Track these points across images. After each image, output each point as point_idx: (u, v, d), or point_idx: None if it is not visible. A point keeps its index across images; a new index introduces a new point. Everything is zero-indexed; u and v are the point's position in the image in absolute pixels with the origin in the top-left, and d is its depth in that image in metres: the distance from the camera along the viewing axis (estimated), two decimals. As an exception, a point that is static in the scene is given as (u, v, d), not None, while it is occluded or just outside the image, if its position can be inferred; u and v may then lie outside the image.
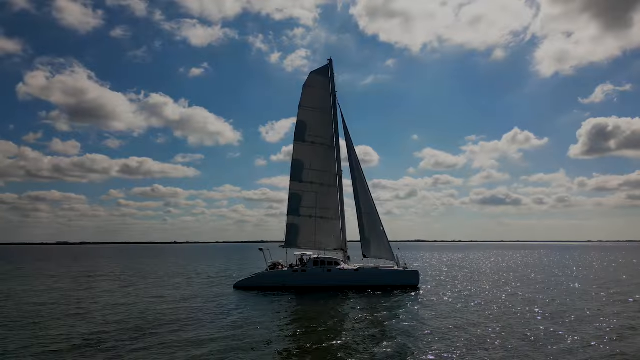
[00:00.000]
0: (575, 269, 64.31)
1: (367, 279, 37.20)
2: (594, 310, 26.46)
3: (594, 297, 32.52)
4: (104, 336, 20.08)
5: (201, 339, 19.39)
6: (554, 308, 27.18)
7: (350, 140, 41.09)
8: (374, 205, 40.43)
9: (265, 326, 22.33)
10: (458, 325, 21.98)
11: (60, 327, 22.27)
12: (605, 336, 19.56)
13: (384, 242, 39.68)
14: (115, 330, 21.43)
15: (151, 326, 22.30)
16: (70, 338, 19.76)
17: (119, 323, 23.11)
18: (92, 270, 66.20)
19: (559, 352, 17.04)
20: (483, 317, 24.30)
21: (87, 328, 21.89)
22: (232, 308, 27.91)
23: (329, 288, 36.17)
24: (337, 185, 40.96)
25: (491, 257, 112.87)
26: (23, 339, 19.61)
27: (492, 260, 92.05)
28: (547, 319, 23.69)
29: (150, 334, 20.49)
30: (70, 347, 18.27)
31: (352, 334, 20.36)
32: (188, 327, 22.10)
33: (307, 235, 39.70)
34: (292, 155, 40.27)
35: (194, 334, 20.41)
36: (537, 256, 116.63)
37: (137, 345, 18.51)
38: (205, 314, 25.86)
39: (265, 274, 37.87)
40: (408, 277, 37.87)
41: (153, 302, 30.55)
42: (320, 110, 41.47)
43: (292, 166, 40.14)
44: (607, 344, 18.23)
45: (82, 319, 24.33)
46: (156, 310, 27.29)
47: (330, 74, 42.27)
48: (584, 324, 22.33)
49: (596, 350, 17.34)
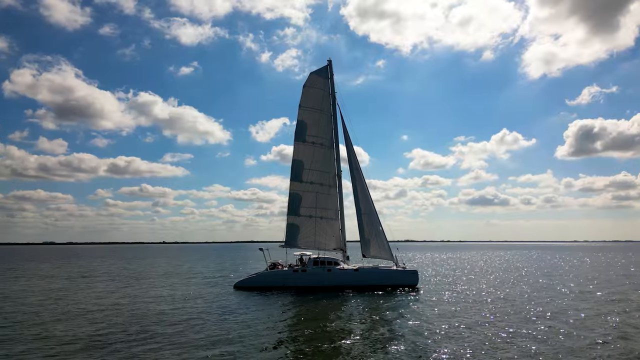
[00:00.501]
0: (567, 268, 65.25)
1: (367, 278, 37.40)
2: (593, 309, 26.96)
3: (591, 296, 33.09)
4: (112, 337, 19.97)
5: (211, 340, 19.36)
6: (554, 307, 27.62)
7: (350, 141, 41.30)
8: (373, 206, 40.68)
9: (272, 327, 22.37)
10: (463, 324, 22.22)
11: (66, 328, 22.08)
12: (609, 335, 19.97)
13: (383, 242, 39.91)
14: (121, 331, 21.30)
15: (159, 327, 22.21)
16: (78, 339, 19.61)
17: (125, 324, 22.98)
18: (86, 270, 65.52)
19: (564, 350, 17.37)
20: (485, 316, 24.60)
21: (92, 329, 21.73)
22: (235, 308, 27.89)
23: (329, 288, 36.33)
24: (337, 185, 41.15)
25: (482, 256, 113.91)
26: (29, 340, 19.44)
27: (484, 260, 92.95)
28: (549, 318, 24.09)
29: (160, 335, 20.40)
30: (79, 348, 18.15)
31: (357, 335, 20.45)
32: (195, 327, 22.06)
33: (307, 235, 39.81)
34: (292, 155, 40.39)
35: (203, 335, 20.37)
36: (527, 256, 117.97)
37: (148, 346, 18.44)
38: (210, 314, 25.80)
39: (265, 274, 37.88)
40: (407, 277, 38.15)
41: (154, 303, 30.40)
42: (320, 110, 41.60)
43: (292, 166, 40.22)
44: (612, 342, 18.60)
45: (86, 320, 24.13)
46: (159, 310, 27.16)
47: (330, 75, 42.42)
48: (586, 322, 22.75)
49: (603, 348, 17.70)
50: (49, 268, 71.77)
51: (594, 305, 28.33)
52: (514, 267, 69.92)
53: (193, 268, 68.93)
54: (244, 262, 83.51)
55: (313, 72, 42.11)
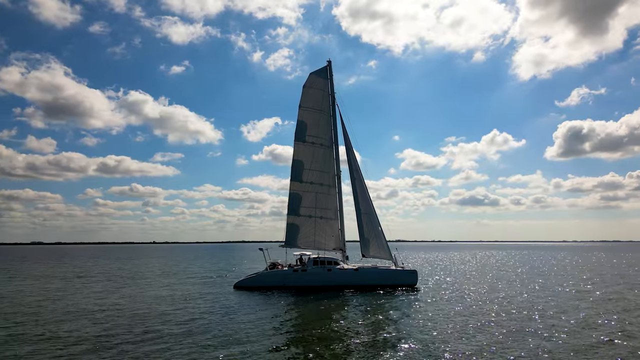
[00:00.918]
0: (562, 268, 66.00)
1: (367, 278, 37.59)
2: (592, 308, 27.36)
3: (588, 295, 33.53)
4: (118, 337, 19.86)
5: (219, 340, 19.34)
6: (554, 305, 27.98)
7: (350, 142, 41.46)
8: (372, 206, 40.86)
9: (278, 327, 22.40)
10: (465, 321, 22.44)
11: (70, 328, 21.91)
12: (612, 333, 20.30)
13: (382, 242, 40.12)
14: (126, 332, 21.18)
15: (165, 327, 22.13)
16: (84, 340, 19.49)
17: (129, 324, 22.86)
18: (81, 270, 64.93)
19: (570, 348, 17.64)
20: (487, 314, 24.86)
21: (98, 329, 21.60)
22: (238, 308, 27.85)
23: (329, 288, 36.43)
24: (336, 185, 41.27)
25: (475, 256, 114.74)
26: (34, 341, 19.28)
27: (477, 260, 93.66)
28: (550, 316, 24.40)
29: (167, 335, 20.33)
30: (86, 349, 18.04)
31: (364, 334, 20.53)
32: (200, 327, 22.01)
33: (307, 235, 39.90)
34: (292, 155, 40.45)
35: (210, 335, 20.35)
36: (520, 256, 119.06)
37: (156, 346, 18.38)
38: (213, 314, 25.74)
39: (265, 274, 37.87)
40: (407, 277, 38.38)
41: (155, 303, 30.26)
42: (320, 110, 41.70)
43: (292, 166, 40.28)
44: (616, 341, 18.93)
45: (89, 320, 23.96)
46: (161, 311, 27.04)
47: (330, 75, 42.55)
48: (588, 321, 23.09)
49: (608, 347, 18.00)
50: (43, 268, 71.00)
51: (592, 305, 28.74)
52: (508, 266, 70.55)
53: (188, 268, 68.60)
54: (239, 263, 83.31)
55: (313, 73, 42.19)
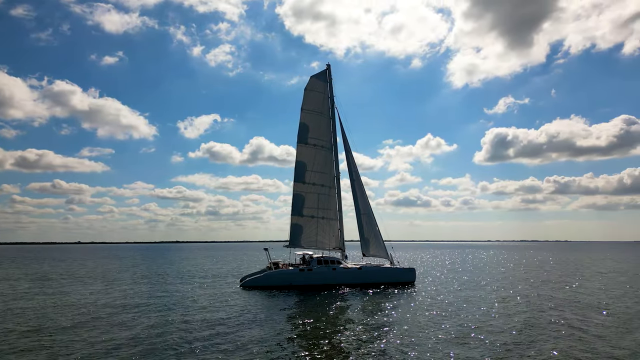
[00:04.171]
0: (512, 265, 71.91)
1: (370, 276, 39.22)
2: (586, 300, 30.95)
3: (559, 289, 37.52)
4: (143, 343, 18.99)
5: (241, 342, 19.11)
6: (535, 298, 31.29)
7: (348, 144, 42.83)
8: (370, 207, 42.53)
9: (293, 328, 22.21)
10: (466, 320, 24.01)
11: (75, 335, 20.71)
12: (612, 327, 23.35)
13: (380, 241, 41.94)
14: (155, 335, 20.86)
15: (184, 328, 21.80)
16: (87, 344, 19.02)
17: (152, 326, 22.47)
18: (45, 272, 60.52)
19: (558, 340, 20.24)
20: (485, 313, 27.34)
21: (104, 332, 20.96)
22: (251, 308, 27.76)
23: (332, 286, 37.57)
24: (336, 186, 42.48)
25: (436, 256, 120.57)
26: (62, 346, 18.71)
27: (434, 259, 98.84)
28: (548, 310, 27.43)
29: (193, 338, 19.82)
30: (87, 354, 17.38)
31: (384, 333, 20.86)
32: (217, 329, 21.69)
33: (309, 235, 40.76)
34: (295, 157, 41.13)
35: (229, 338, 20.03)
36: (465, 255, 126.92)
37: (182, 349, 18.09)
38: (230, 314, 25.65)
39: (272, 274, 38.18)
40: (406, 275, 40.54)
41: (156, 303, 29.99)
42: (320, 113, 42.70)
43: (295, 168, 40.96)
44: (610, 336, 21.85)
45: (89, 321, 23.52)
46: (169, 312, 26.61)
47: (329, 79, 43.66)
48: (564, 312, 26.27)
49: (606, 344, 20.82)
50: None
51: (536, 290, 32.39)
52: (472, 265, 75.46)
53: (160, 270, 66.28)
54: (209, 264, 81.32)
55: (313, 76, 43.10)
